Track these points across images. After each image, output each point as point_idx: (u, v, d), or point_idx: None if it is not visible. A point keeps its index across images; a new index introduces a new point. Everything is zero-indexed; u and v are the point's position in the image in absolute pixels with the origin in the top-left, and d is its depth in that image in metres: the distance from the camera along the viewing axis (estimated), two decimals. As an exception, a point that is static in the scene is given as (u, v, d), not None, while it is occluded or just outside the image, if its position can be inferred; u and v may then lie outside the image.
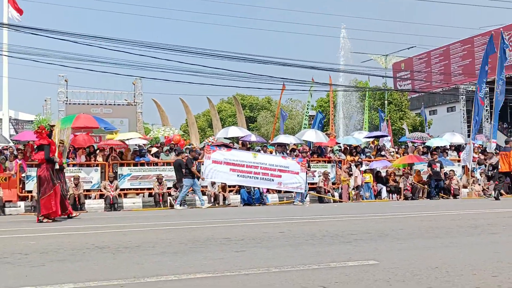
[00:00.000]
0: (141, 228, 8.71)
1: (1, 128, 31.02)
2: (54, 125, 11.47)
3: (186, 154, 17.21)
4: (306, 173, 17.73)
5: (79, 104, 30.08)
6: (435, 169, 19.96)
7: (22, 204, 16.19)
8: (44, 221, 10.64)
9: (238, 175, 16.67)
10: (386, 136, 27.69)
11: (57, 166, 11.08)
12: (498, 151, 19.86)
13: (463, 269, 3.92)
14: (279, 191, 18.42)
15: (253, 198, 17.59)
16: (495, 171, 19.53)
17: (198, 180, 16.78)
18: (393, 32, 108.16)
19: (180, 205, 15.88)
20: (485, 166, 21.93)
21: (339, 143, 23.76)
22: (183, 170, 16.16)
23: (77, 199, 16.28)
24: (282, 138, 21.68)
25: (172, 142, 21.66)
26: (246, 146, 21.00)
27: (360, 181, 19.56)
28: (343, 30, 43.75)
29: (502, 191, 21.03)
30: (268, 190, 18.56)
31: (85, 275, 3.99)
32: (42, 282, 3.71)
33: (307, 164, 17.92)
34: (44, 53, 21.85)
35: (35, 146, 11.31)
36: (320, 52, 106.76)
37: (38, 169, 10.99)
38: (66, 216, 11.51)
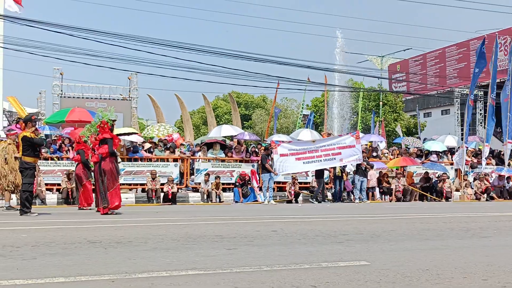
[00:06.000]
0: (134, 223, 8.70)
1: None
2: (115, 120, 11.73)
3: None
4: (361, 145, 18.90)
5: (73, 97, 30.02)
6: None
7: (14, 196, 16.06)
8: (109, 213, 10.81)
9: (304, 162, 17.73)
10: (381, 141, 27.80)
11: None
12: None
13: (453, 272, 3.94)
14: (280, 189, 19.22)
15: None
16: None
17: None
18: (389, 33, 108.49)
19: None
20: (478, 168, 22.09)
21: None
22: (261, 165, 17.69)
23: (70, 193, 16.24)
24: (276, 138, 21.67)
25: (166, 139, 21.57)
26: (241, 144, 20.98)
27: (375, 183, 19.84)
28: (339, 30, 43.90)
29: (494, 195, 21.17)
30: (260, 188, 18.63)
31: (77, 269, 3.98)
32: (33, 276, 3.69)
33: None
34: (40, 46, 21.73)
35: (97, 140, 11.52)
36: (316, 52, 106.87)
37: (102, 162, 11.09)
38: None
